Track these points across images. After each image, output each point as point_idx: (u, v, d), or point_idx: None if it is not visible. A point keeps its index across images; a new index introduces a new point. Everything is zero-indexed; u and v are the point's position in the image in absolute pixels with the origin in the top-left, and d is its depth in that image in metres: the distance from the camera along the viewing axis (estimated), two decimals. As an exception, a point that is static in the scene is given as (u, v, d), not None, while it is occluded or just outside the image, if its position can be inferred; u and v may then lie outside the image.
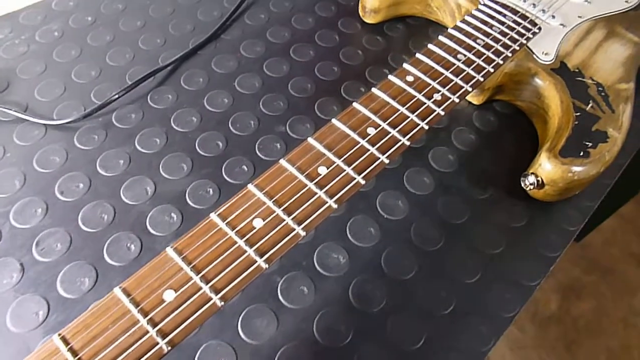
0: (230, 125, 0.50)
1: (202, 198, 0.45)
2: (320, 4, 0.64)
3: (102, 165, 0.46)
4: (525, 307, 0.44)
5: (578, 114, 0.47)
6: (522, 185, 0.46)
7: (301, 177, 0.37)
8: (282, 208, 0.35)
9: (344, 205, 0.45)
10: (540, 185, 0.45)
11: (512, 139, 0.52)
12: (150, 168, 0.46)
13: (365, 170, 0.39)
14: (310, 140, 0.40)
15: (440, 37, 0.50)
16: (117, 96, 0.50)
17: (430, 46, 0.49)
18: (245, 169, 0.47)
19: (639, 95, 0.57)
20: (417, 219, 0.45)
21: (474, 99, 0.55)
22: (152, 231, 0.42)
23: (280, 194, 0.37)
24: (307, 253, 0.42)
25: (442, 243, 0.44)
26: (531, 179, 0.45)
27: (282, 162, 0.38)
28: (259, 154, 0.48)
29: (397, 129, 0.42)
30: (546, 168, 0.44)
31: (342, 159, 0.39)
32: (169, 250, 0.33)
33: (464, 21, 0.52)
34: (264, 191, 0.36)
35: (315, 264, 0.42)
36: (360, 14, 0.62)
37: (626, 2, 0.60)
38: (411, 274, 0.42)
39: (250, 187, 0.36)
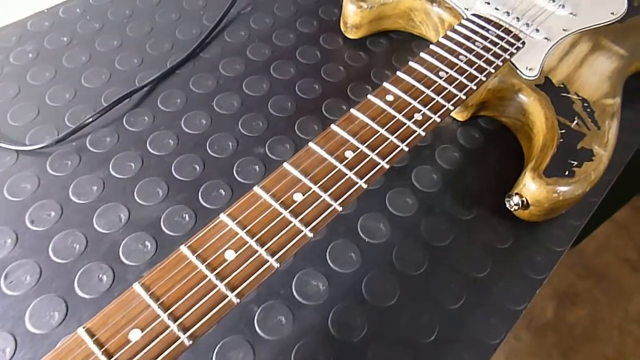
0: (207, 148, 0.49)
1: (178, 225, 0.43)
2: (301, 20, 0.62)
3: (75, 192, 0.45)
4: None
5: (563, 131, 0.46)
6: (507, 205, 0.45)
7: (276, 205, 0.36)
8: (255, 238, 0.34)
9: (324, 229, 0.44)
10: (526, 205, 0.44)
11: (497, 156, 0.51)
12: (125, 194, 0.45)
13: (343, 196, 0.38)
14: (286, 165, 0.39)
15: (422, 54, 0.49)
16: (91, 119, 0.49)
17: (411, 63, 0.48)
18: (223, 193, 0.45)
19: (627, 108, 0.56)
20: (400, 242, 0.44)
21: (458, 115, 0.54)
22: (125, 261, 0.41)
23: (253, 223, 0.35)
24: (286, 281, 0.41)
25: (425, 267, 0.43)
26: (516, 199, 0.44)
27: (256, 189, 0.37)
28: (237, 177, 0.47)
29: (376, 151, 0.40)
30: (530, 188, 0.43)
31: (319, 184, 0.38)
32: (136, 286, 0.31)
33: (446, 37, 0.51)
34: (236, 221, 0.35)
35: (294, 292, 0.40)
36: (342, 29, 0.61)
37: (612, 13, 0.59)
38: (393, 300, 0.41)
39: (223, 216, 0.35)
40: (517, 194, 0.45)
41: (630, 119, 0.57)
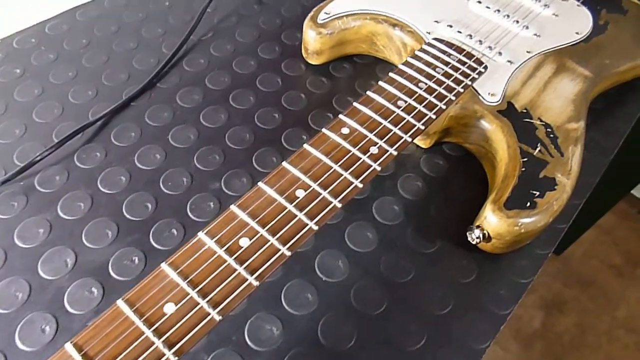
0: (161, 184, 0.47)
1: (127, 269, 0.41)
2: (263, 46, 0.61)
3: (20, 235, 0.43)
4: (508, 324, 0.42)
5: (525, 159, 0.45)
6: (469, 239, 0.44)
7: (220, 252, 0.35)
8: (197, 289, 0.33)
9: (279, 268, 0.42)
10: (487, 238, 0.43)
11: (462, 184, 0.50)
12: (72, 237, 0.43)
13: (292, 239, 0.36)
14: (233, 208, 0.37)
15: (380, 83, 0.48)
16: (40, 157, 0.47)
17: (369, 93, 0.47)
18: (175, 232, 0.44)
19: (595, 129, 0.55)
20: (359, 280, 0.43)
21: (422, 142, 0.53)
22: (70, 309, 0.39)
23: (196, 272, 0.34)
24: (238, 325, 0.39)
25: (385, 306, 0.41)
26: (477, 232, 0.43)
27: (201, 235, 0.35)
28: (190, 215, 0.45)
29: (329, 189, 0.39)
30: (491, 221, 0.42)
31: (267, 228, 0.36)
32: (68, 347, 0.30)
33: (405, 64, 0.50)
34: (178, 270, 0.33)
35: (247, 338, 0.39)
36: (304, 55, 0.59)
37: (577, 33, 0.59)
38: (350, 344, 0.39)
39: (164, 266, 0.34)
40: (478, 226, 0.43)
41: (598, 139, 0.55)
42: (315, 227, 0.37)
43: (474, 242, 0.43)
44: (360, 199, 0.47)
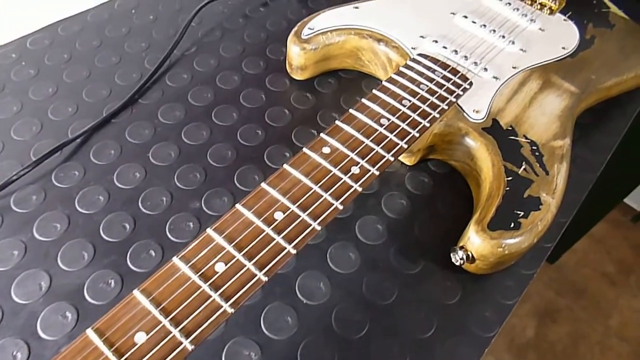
0: (140, 204, 0.46)
1: (102, 292, 0.40)
2: (247, 60, 0.60)
3: (-6, 258, 0.42)
4: (501, 334, 0.41)
5: (510, 178, 0.45)
6: (452, 260, 0.43)
7: (195, 278, 0.34)
8: (169, 317, 0.32)
9: (258, 291, 0.41)
10: (471, 259, 0.42)
11: (447, 202, 0.49)
12: (47, 259, 0.42)
13: (269, 264, 0.35)
14: (209, 231, 0.36)
15: (363, 100, 0.47)
16: (16, 176, 0.46)
17: (352, 111, 0.46)
18: (153, 254, 0.43)
19: (581, 144, 0.55)
20: (340, 303, 0.42)
21: (406, 159, 0.52)
22: (42, 335, 0.38)
23: (169, 300, 0.33)
24: (215, 352, 0.38)
25: (367, 329, 0.41)
26: (460, 253, 0.42)
27: (175, 260, 0.34)
28: (169, 235, 0.44)
29: (308, 211, 0.38)
30: (475, 243, 0.41)
31: (243, 252, 0.35)
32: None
33: (389, 80, 0.49)
34: (150, 297, 0.33)
35: (224, 364, 0.38)
36: (288, 70, 0.58)
37: (563, 48, 0.58)
38: (331, 369, 0.38)
39: (136, 293, 0.33)
40: (461, 247, 0.43)
41: (584, 155, 0.55)
42: (293, 251, 0.36)
43: (457, 264, 0.43)
44: (343, 218, 0.47)
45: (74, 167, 0.48)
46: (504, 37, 0.58)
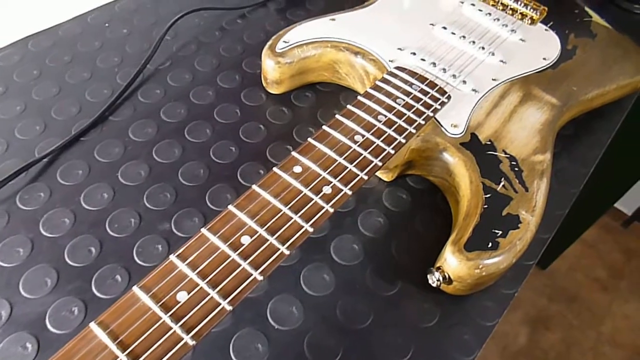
0: (107, 226, 0.44)
1: (65, 320, 0.39)
2: (223, 74, 0.59)
3: (-48, 286, 0.40)
4: (494, 342, 0.39)
5: (488, 195, 0.43)
6: (429, 281, 0.42)
7: (155, 309, 0.32)
8: (127, 352, 0.30)
9: (228, 315, 0.40)
10: (448, 280, 0.41)
11: (426, 219, 0.48)
12: (9, 286, 0.40)
13: (234, 292, 0.34)
14: (172, 258, 0.35)
15: (337, 116, 0.45)
16: (-22, 199, 0.44)
17: (325, 127, 0.45)
18: (119, 279, 0.41)
19: (563, 157, 0.53)
20: (313, 327, 0.40)
21: (384, 175, 0.51)
22: (0, 368, 0.36)
23: (127, 332, 0.31)
24: (182, 383, 0.36)
25: (340, 356, 0.39)
26: (437, 275, 0.41)
27: (135, 289, 0.33)
28: (136, 259, 0.43)
29: (276, 235, 0.37)
30: (451, 264, 0.40)
31: (207, 280, 0.34)
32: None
33: (365, 95, 0.48)
34: (108, 330, 0.31)
35: (191, 396, 0.36)
36: (264, 84, 0.57)
37: (544, 59, 0.57)
38: (302, 400, 0.37)
39: (93, 325, 0.31)
40: (438, 268, 0.41)
41: (567, 168, 0.54)
42: (260, 278, 0.34)
43: (434, 285, 0.41)
44: (318, 238, 0.45)
45: (39, 189, 0.47)
46: (483, 48, 0.57)
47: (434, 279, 0.41)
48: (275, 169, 0.41)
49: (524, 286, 0.45)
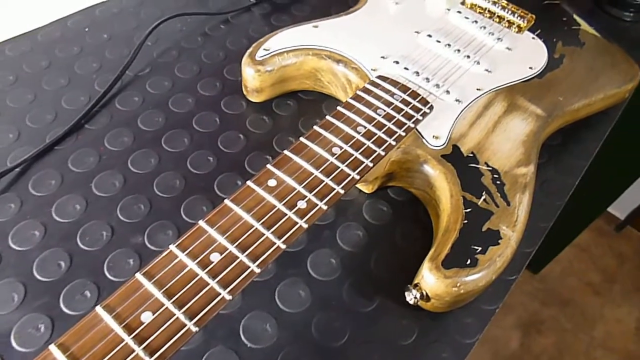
0: (78, 239, 0.43)
1: (31, 338, 0.38)
2: (203, 82, 0.58)
3: None
4: (485, 347, 0.38)
5: (468, 210, 0.42)
6: (407, 298, 0.40)
7: (117, 330, 0.31)
8: (87, 376, 0.29)
9: (199, 333, 0.39)
10: (426, 298, 0.40)
11: (407, 233, 0.47)
12: (-26, 302, 0.39)
13: (200, 312, 0.33)
14: (138, 276, 0.34)
15: (315, 127, 0.44)
16: (-54, 211, 0.43)
17: (302, 140, 0.43)
18: (88, 294, 0.40)
19: (549, 167, 0.53)
20: (287, 346, 0.39)
21: (365, 187, 0.50)
22: (-39, 388, 0.35)
23: (87, 355, 0.30)
24: (149, 405, 0.35)
25: (314, 376, 0.38)
26: (414, 292, 0.40)
27: (98, 309, 0.32)
28: (107, 274, 0.41)
29: (247, 252, 0.36)
30: (429, 281, 0.39)
31: (174, 299, 0.33)
32: None
33: (345, 105, 0.47)
34: (68, 352, 0.30)
35: (158, 418, 0.35)
36: (244, 92, 0.56)
37: (530, 68, 0.56)
38: (273, 422, 0.36)
39: (52, 348, 0.30)
40: (416, 285, 0.40)
41: (553, 179, 0.53)
42: (229, 297, 0.33)
43: (411, 302, 0.40)
44: (295, 252, 0.44)
45: (10, 199, 0.45)
46: (469, 57, 0.56)
47: (411, 297, 0.40)
48: (249, 182, 0.39)
49: (516, 290, 0.44)
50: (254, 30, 0.66)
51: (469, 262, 0.39)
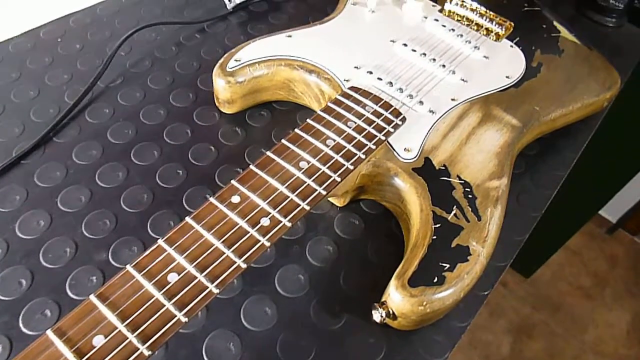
0: (40, 256, 0.42)
1: (-13, 360, 0.37)
2: (176, 92, 0.57)
3: None
4: (477, 351, 0.37)
5: (438, 225, 0.41)
6: (374, 317, 0.40)
7: (68, 355, 0.30)
8: (32, 406, 0.28)
9: (161, 353, 0.38)
10: (393, 316, 0.39)
11: (378, 248, 0.46)
12: None
13: (154, 335, 0.32)
14: (92, 298, 0.33)
15: (283, 141, 0.44)
16: None
17: (269, 153, 0.43)
18: (49, 314, 0.39)
19: (526, 177, 0.52)
20: (251, 367, 0.38)
21: (336, 200, 0.49)
22: None
23: (35, 382, 0.29)
24: None
25: (278, 397, 0.37)
26: (381, 311, 0.39)
27: (49, 333, 0.31)
28: (69, 292, 0.41)
29: (206, 272, 0.35)
30: (395, 300, 0.38)
31: (127, 322, 0.32)
32: None
33: (315, 118, 0.46)
34: (17, 378, 0.29)
35: None
36: (216, 103, 0.55)
37: (507, 77, 0.55)
38: None
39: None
40: (383, 303, 0.39)
41: (529, 190, 0.52)
42: (184, 319, 0.33)
43: (378, 321, 0.39)
44: (263, 268, 0.43)
45: (-28, 216, 0.44)
46: (444, 66, 0.55)
47: (378, 315, 0.39)
48: (211, 199, 0.39)
49: (507, 295, 0.44)
50: (230, 39, 0.65)
51: (436, 279, 0.39)
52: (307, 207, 0.40)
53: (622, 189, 1.24)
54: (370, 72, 0.53)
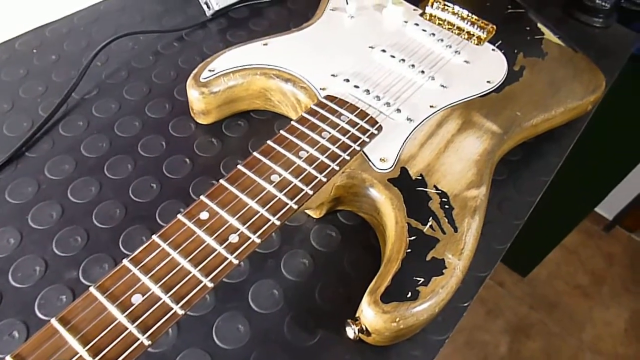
0: (9, 276, 0.42)
1: (-49, 385, 0.36)
2: (152, 103, 0.56)
3: None
4: (474, 351, 0.37)
5: (413, 237, 0.41)
6: (348, 334, 0.39)
7: (26, 382, 0.29)
8: None
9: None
10: (367, 332, 0.38)
11: (355, 261, 0.45)
12: None
13: (117, 359, 0.31)
14: (54, 322, 0.32)
15: (255, 154, 0.43)
16: None
17: (240, 167, 0.42)
18: (16, 335, 0.39)
19: (509, 184, 0.51)
20: (222, 387, 0.37)
21: (312, 212, 0.48)
22: None
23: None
24: None
25: (249, 418, 0.36)
26: (354, 327, 0.38)
27: (8, 359, 0.30)
28: (38, 313, 0.40)
29: (171, 292, 0.34)
30: (367, 316, 0.37)
31: (89, 346, 0.31)
32: None
33: (288, 129, 0.45)
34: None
35: None
36: (191, 114, 0.54)
37: (488, 82, 0.55)
38: None
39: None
40: (357, 319, 0.38)
41: (512, 198, 0.51)
42: (147, 342, 0.32)
43: (352, 337, 0.39)
44: (236, 283, 0.43)
45: (-60, 235, 0.44)
46: (423, 72, 0.54)
47: (351, 331, 0.39)
48: (179, 215, 0.38)
49: (504, 295, 0.43)
50: (209, 47, 0.64)
51: (409, 294, 0.38)
52: (278, 222, 0.39)
53: (618, 186, 1.23)
54: (347, 80, 0.52)
